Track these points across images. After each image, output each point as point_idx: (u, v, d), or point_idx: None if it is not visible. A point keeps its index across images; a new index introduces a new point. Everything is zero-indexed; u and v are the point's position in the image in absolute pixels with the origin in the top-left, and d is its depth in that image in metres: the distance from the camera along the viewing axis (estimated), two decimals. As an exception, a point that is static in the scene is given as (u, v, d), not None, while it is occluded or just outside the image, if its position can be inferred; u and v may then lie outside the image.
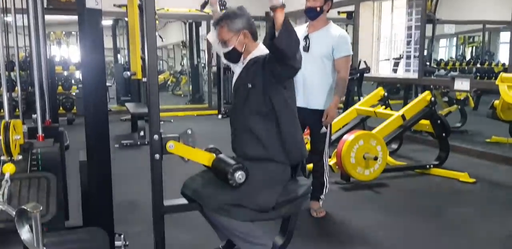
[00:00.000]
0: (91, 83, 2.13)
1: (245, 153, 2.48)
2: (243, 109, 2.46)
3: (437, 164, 4.63)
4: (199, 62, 11.72)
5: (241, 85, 2.50)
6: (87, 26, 2.03)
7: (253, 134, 2.43)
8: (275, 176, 2.41)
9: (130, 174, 4.43)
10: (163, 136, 2.45)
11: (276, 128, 2.41)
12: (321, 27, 3.34)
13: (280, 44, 2.12)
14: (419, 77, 6.24)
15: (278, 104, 2.39)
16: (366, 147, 4.06)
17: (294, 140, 2.46)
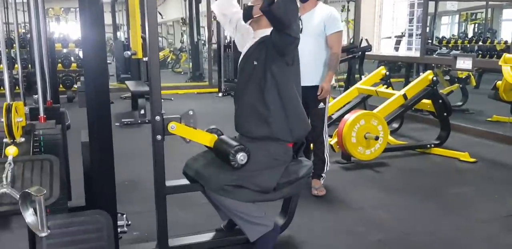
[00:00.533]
0: (92, 63, 2.10)
1: (248, 131, 2.49)
2: (248, 86, 2.46)
3: (438, 143, 4.64)
4: (199, 39, 11.62)
5: (247, 62, 2.49)
6: (87, 3, 2.00)
7: (257, 111, 2.43)
8: (277, 157, 2.42)
9: (131, 153, 4.44)
10: (165, 117, 2.45)
11: (280, 104, 2.41)
12: (311, 8, 3.43)
13: (278, 11, 2.11)
14: (421, 56, 6.20)
15: (281, 81, 2.39)
16: (367, 127, 4.06)
17: (297, 116, 2.47)
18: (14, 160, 1.66)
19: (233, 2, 2.78)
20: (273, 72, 2.38)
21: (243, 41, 2.68)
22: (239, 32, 2.74)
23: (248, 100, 2.47)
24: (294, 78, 2.49)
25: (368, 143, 4.08)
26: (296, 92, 2.49)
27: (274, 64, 2.37)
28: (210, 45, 10.60)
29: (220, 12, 2.77)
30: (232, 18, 2.74)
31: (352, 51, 6.58)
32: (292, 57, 2.43)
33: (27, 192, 1.43)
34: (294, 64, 2.46)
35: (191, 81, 11.28)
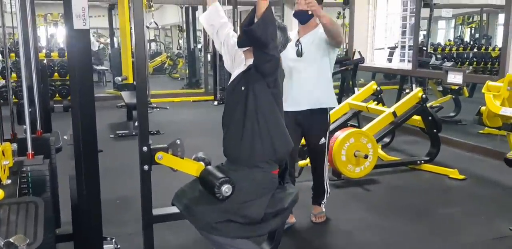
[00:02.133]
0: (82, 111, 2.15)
1: (232, 154, 2.51)
2: (235, 111, 2.50)
3: (428, 159, 4.68)
4: (195, 46, 11.67)
5: (235, 88, 2.52)
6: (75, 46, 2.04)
7: (241, 134, 2.46)
8: (264, 186, 2.45)
9: (125, 168, 4.48)
10: (152, 147, 2.49)
11: (263, 125, 2.44)
12: (311, 30, 3.25)
13: (256, 31, 2.18)
14: (413, 69, 6.25)
15: (263, 103, 2.43)
16: (356, 145, 4.10)
17: (280, 136, 2.49)
18: (0, 204, 1.70)
19: (221, 13, 2.79)
20: (255, 93, 2.41)
21: (231, 60, 2.72)
22: (227, 48, 2.74)
23: (234, 124, 2.51)
24: (276, 101, 2.53)
25: (358, 161, 4.12)
26: (278, 113, 2.53)
27: (257, 85, 2.41)
28: (206, 54, 10.64)
29: (207, 22, 2.80)
30: (220, 30, 2.76)
31: (345, 63, 6.63)
32: (274, 79, 2.45)
33: (11, 242, 1.47)
34: (276, 87, 2.49)
35: (188, 88, 11.33)
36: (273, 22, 2.26)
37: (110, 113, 8.18)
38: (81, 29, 2.06)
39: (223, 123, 2.64)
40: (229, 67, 2.77)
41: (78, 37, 2.06)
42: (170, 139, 2.54)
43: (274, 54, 2.31)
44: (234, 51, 2.69)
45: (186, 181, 2.60)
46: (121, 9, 5.45)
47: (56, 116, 4.15)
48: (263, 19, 2.18)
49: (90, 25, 2.12)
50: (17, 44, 3.68)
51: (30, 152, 2.11)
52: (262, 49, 2.27)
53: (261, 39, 2.21)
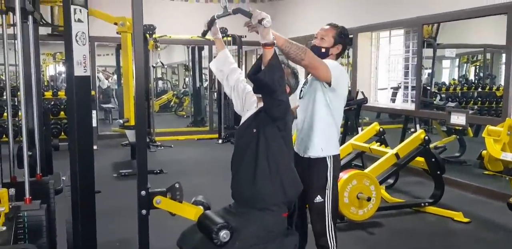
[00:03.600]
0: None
1: (243, 197, 2.52)
2: (246, 153, 2.51)
3: (432, 202, 4.63)
4: (201, 85, 11.82)
5: (246, 130, 2.55)
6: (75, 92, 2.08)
7: (253, 177, 2.47)
8: (273, 229, 2.44)
9: (127, 208, 4.40)
10: (151, 191, 2.49)
11: (274, 169, 2.45)
12: None
13: (264, 78, 2.23)
14: (416, 109, 6.27)
15: (274, 145, 2.45)
16: (359, 187, 4.07)
17: (290, 177, 2.51)
18: (-7, 251, 1.69)
19: (230, 60, 2.86)
20: (266, 136, 2.45)
21: (241, 103, 2.76)
22: (237, 92, 2.78)
23: (244, 166, 2.51)
24: (286, 143, 2.54)
25: (361, 203, 4.08)
26: (288, 156, 2.55)
27: (268, 129, 2.45)
28: (211, 93, 10.75)
29: (217, 68, 2.86)
30: (229, 76, 2.82)
31: (349, 103, 6.67)
32: (284, 123, 2.49)
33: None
34: (286, 130, 2.52)
35: (193, 126, 11.38)
36: (280, 68, 2.30)
37: (114, 152, 8.21)
38: (82, 76, 2.11)
39: (232, 165, 2.65)
40: (239, 110, 2.81)
41: (78, 83, 2.10)
42: (173, 179, 2.55)
43: (283, 99, 2.35)
44: (244, 94, 2.74)
45: (186, 222, 2.57)
46: (125, 52, 5.56)
47: (60, 155, 4.17)
48: (269, 66, 2.23)
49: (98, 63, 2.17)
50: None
51: (28, 197, 2.11)
52: (270, 95, 2.31)
53: (268, 85, 2.25)
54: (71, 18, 2.01)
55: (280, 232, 2.47)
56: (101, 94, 14.03)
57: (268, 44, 2.23)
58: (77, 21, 2.04)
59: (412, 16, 6.18)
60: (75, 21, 2.03)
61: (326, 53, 2.82)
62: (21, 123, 2.45)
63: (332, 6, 8.34)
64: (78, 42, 2.05)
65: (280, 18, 10.13)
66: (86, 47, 2.09)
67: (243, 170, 2.52)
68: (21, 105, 2.38)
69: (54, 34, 8.57)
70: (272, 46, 2.25)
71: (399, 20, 6.45)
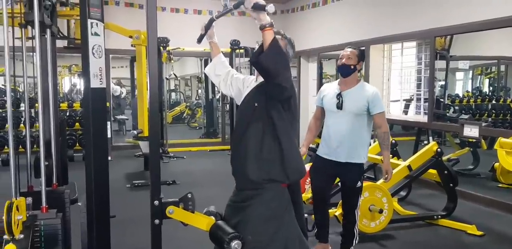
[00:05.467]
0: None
1: (244, 173, 2.50)
2: (248, 128, 2.49)
3: (445, 214, 4.60)
4: (213, 96, 11.91)
5: (247, 104, 2.56)
6: (92, 103, 2.14)
7: (254, 153, 2.46)
8: (274, 203, 2.45)
9: (140, 218, 4.45)
10: (164, 201, 2.52)
11: (277, 147, 2.45)
12: (354, 85, 3.50)
13: (265, 62, 2.18)
14: (429, 122, 6.25)
15: (279, 125, 2.44)
16: (371, 199, 4.07)
17: (293, 159, 2.50)
18: (11, 259, 1.73)
19: (225, 64, 2.91)
20: (272, 116, 2.43)
21: (240, 92, 2.77)
22: (235, 85, 2.81)
23: (246, 142, 2.49)
24: (291, 123, 2.54)
25: (373, 215, 4.08)
26: (292, 136, 2.55)
27: (272, 108, 2.43)
28: (224, 105, 10.82)
29: (214, 73, 2.89)
30: (226, 77, 2.86)
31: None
32: (288, 104, 2.48)
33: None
34: (291, 110, 2.51)
35: (205, 137, 11.43)
36: (281, 51, 2.26)
37: (128, 162, 8.28)
38: (98, 88, 2.16)
39: (232, 141, 2.64)
40: (238, 97, 2.79)
41: (94, 95, 2.15)
42: (185, 190, 2.57)
43: (286, 86, 2.31)
44: (241, 83, 2.76)
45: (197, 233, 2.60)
46: (139, 64, 5.61)
47: (75, 166, 4.23)
48: (270, 48, 2.17)
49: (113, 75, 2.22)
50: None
51: (44, 206, 2.15)
52: (272, 80, 2.27)
53: (269, 69, 2.22)
54: (88, 31, 2.07)
55: (283, 205, 2.47)
56: (115, 105, 14.19)
57: (267, 25, 2.17)
58: (94, 34, 2.09)
59: (424, 28, 6.20)
60: (92, 35, 2.09)
61: (354, 69, 3.49)
62: (37, 133, 2.50)
63: (344, 19, 8.39)
64: (94, 55, 2.11)
65: (292, 30, 10.20)
66: (102, 59, 2.15)
67: (245, 147, 2.49)
68: (38, 116, 2.44)
69: (70, 46, 8.73)
70: (271, 27, 2.19)
71: (412, 32, 6.47)
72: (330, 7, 8.73)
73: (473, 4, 5.48)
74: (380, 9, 7.29)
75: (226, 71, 2.87)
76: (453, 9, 5.80)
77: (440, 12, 6.00)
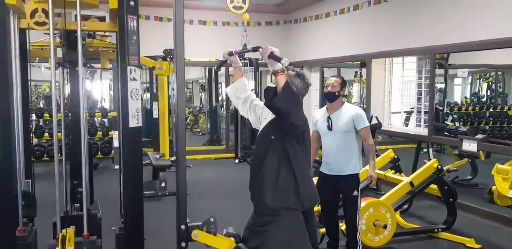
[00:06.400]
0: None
1: (262, 200, 2.72)
2: (266, 158, 2.74)
3: (445, 227, 4.84)
4: (217, 104, 12.13)
5: (264, 136, 2.81)
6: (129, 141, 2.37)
7: (271, 182, 2.70)
8: (290, 228, 2.69)
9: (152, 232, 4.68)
10: (189, 225, 2.76)
11: (292, 176, 2.69)
12: (339, 108, 3.94)
13: (279, 104, 2.47)
14: (429, 135, 6.48)
15: (293, 157, 2.69)
16: (376, 215, 4.31)
17: (307, 186, 2.75)
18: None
19: (247, 87, 3.14)
20: (287, 149, 2.68)
21: (257, 119, 3.03)
22: (253, 112, 3.06)
23: (264, 172, 2.74)
24: (305, 155, 2.80)
25: (377, 230, 4.31)
26: (306, 166, 2.80)
27: (287, 142, 2.69)
28: (228, 113, 11.04)
29: (234, 95, 3.14)
30: (246, 100, 3.10)
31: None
32: (302, 138, 2.74)
33: None
34: (305, 144, 2.77)
35: (209, 144, 11.66)
36: (293, 93, 2.53)
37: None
38: (135, 127, 2.39)
39: (252, 169, 2.87)
40: (256, 124, 3.07)
41: (132, 133, 2.38)
42: (194, 201, 2.83)
43: (299, 124, 2.59)
44: (260, 110, 3.01)
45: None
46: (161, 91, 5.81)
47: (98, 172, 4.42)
48: (283, 92, 2.46)
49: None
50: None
51: (86, 233, 2.38)
52: (286, 119, 2.55)
53: (282, 110, 2.50)
54: (127, 77, 2.30)
55: (298, 230, 2.71)
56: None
57: (279, 71, 2.48)
58: (132, 79, 2.32)
59: (424, 44, 6.43)
60: (131, 80, 2.31)
61: (339, 95, 3.95)
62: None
63: (346, 32, 8.62)
64: (132, 97, 2.33)
65: (294, 40, 10.45)
66: (139, 101, 2.37)
67: (262, 177, 2.74)
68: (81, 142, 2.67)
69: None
70: (283, 72, 2.49)
71: (412, 49, 6.71)
72: (332, 20, 8.96)
73: (473, 24, 5.71)
74: (381, 24, 7.53)
75: (246, 94, 3.11)
76: (453, 28, 6.03)
77: (441, 30, 6.24)
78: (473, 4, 5.74)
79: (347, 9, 8.36)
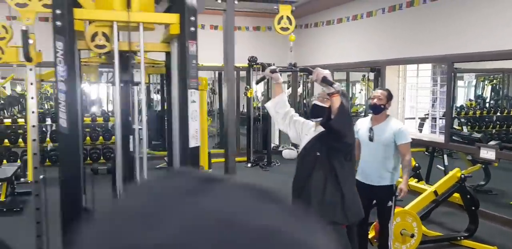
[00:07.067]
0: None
1: None
2: (311, 174, 2.83)
3: (467, 235, 4.94)
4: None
5: (309, 152, 2.90)
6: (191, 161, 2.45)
7: (318, 198, 2.80)
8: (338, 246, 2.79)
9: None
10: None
11: (338, 192, 2.80)
12: (383, 121, 3.97)
13: (336, 125, 2.58)
14: (446, 142, 6.58)
15: (340, 173, 2.79)
16: (403, 224, 4.41)
17: (353, 202, 2.86)
18: None
19: (286, 103, 3.26)
20: (334, 165, 2.79)
21: (297, 134, 3.13)
22: (293, 127, 3.16)
23: (309, 188, 2.83)
24: (351, 172, 2.91)
25: (404, 239, 4.41)
26: (352, 182, 2.91)
27: (334, 159, 2.79)
28: (238, 117, 11.11)
29: (274, 110, 3.24)
30: (285, 116, 3.20)
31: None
32: (350, 155, 2.85)
33: None
34: (352, 160, 2.88)
35: (218, 147, 11.72)
36: (348, 114, 2.66)
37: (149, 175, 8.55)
38: (194, 147, 2.48)
39: (296, 185, 2.97)
40: (296, 138, 3.19)
41: (192, 153, 2.47)
42: None
43: (352, 143, 2.73)
44: (300, 126, 3.12)
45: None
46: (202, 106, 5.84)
47: (99, 179, 4.52)
48: (339, 114, 2.57)
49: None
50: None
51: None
52: (341, 139, 2.66)
53: (339, 131, 2.61)
54: (188, 100, 2.38)
55: (344, 241, 2.84)
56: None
57: (334, 92, 2.58)
58: (192, 102, 2.41)
59: (441, 53, 6.52)
60: (191, 102, 2.40)
61: (384, 108, 3.98)
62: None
63: (358, 38, 8.71)
64: (192, 119, 2.42)
65: (304, 45, 10.52)
66: (198, 122, 2.46)
67: (308, 193, 2.83)
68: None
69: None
70: (338, 94, 2.61)
71: (429, 56, 6.79)
72: (344, 26, 9.06)
73: (493, 35, 5.79)
74: (396, 32, 7.62)
75: (286, 110, 3.22)
76: (472, 37, 6.11)
77: (459, 38, 6.32)
78: (492, 13, 5.84)
79: (360, 15, 8.46)
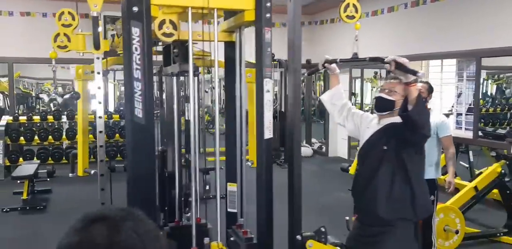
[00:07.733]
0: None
1: (375, 212, 2.70)
2: (379, 169, 2.71)
3: (507, 232, 4.86)
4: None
5: (374, 147, 2.79)
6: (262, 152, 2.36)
7: (384, 193, 2.69)
8: (404, 237, 2.71)
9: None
10: (304, 235, 2.76)
11: (408, 187, 2.69)
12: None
13: (413, 116, 2.46)
14: (474, 138, 6.50)
15: (410, 167, 2.68)
16: (446, 220, 4.33)
17: (422, 197, 2.75)
18: None
19: (343, 95, 3.13)
20: (404, 159, 2.67)
21: (356, 128, 3.01)
22: (351, 120, 3.05)
23: (376, 183, 2.72)
24: (421, 165, 2.80)
25: (447, 235, 4.33)
26: (422, 176, 2.81)
27: (405, 152, 2.67)
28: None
29: (330, 102, 3.11)
30: (342, 108, 3.08)
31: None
32: (421, 148, 2.74)
33: None
34: (422, 154, 2.78)
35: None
36: (424, 105, 2.55)
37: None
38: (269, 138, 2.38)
39: (360, 182, 2.86)
40: (353, 132, 3.08)
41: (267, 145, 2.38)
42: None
43: (428, 136, 2.64)
44: (359, 119, 3.00)
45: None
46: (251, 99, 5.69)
47: (117, 176, 4.42)
48: (417, 105, 2.45)
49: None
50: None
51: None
52: (419, 131, 2.54)
53: (417, 122, 2.49)
54: (263, 89, 2.29)
55: (412, 235, 2.75)
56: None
57: (411, 82, 2.46)
58: (266, 91, 2.31)
59: (467, 48, 6.42)
60: (266, 92, 2.31)
61: (425, 101, 3.60)
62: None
63: (377, 34, 8.61)
64: (265, 109, 2.33)
65: (318, 41, 10.45)
66: (271, 112, 2.37)
67: (375, 188, 2.71)
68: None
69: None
70: (416, 83, 2.49)
71: (455, 52, 6.70)
72: (363, 22, 8.90)
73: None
74: (419, 26, 7.53)
75: (343, 102, 3.09)
76: (499, 32, 6.04)
77: (486, 33, 6.24)
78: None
79: (380, 10, 8.37)
